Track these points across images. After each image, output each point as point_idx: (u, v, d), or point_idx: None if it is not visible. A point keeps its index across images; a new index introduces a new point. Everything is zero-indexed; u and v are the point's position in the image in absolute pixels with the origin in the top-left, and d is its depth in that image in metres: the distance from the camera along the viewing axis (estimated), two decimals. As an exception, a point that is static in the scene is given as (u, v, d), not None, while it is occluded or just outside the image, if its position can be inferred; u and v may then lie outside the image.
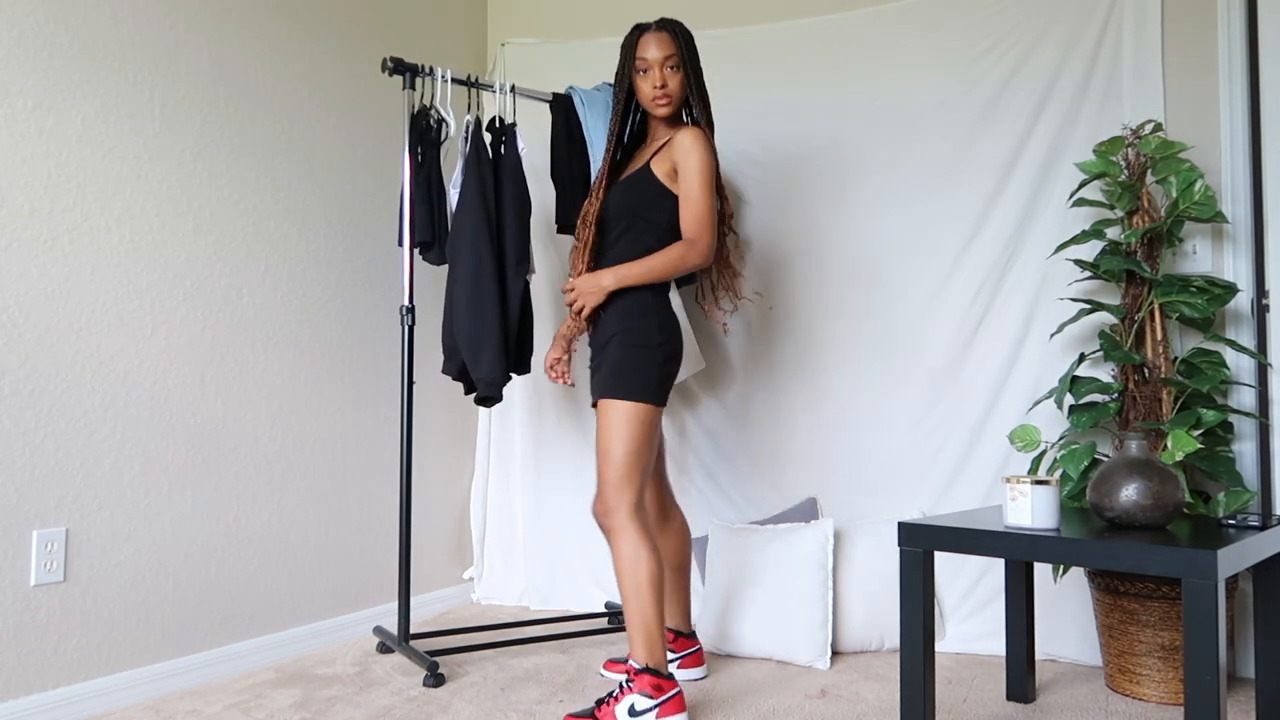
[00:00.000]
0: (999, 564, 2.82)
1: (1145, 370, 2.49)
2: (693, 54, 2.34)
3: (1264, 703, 2.07)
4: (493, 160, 2.69)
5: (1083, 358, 2.55)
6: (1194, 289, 2.43)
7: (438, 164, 2.74)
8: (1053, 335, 2.62)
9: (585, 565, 3.33)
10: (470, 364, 2.60)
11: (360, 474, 2.99)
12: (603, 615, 3.10)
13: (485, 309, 2.58)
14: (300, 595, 2.78)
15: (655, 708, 2.09)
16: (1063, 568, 2.57)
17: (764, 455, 3.17)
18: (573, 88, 2.88)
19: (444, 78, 2.73)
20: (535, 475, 3.41)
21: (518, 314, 2.66)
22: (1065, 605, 2.71)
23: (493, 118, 2.75)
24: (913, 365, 2.99)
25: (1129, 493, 1.89)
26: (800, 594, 2.68)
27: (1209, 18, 2.65)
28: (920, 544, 1.96)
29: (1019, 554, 1.84)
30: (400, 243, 2.73)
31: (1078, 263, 2.56)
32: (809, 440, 3.12)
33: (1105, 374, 2.70)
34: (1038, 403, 2.61)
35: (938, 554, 2.90)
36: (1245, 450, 2.56)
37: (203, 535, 2.51)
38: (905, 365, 3.00)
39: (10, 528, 2.11)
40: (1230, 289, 2.42)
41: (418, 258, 3.13)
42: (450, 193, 2.74)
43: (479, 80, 2.79)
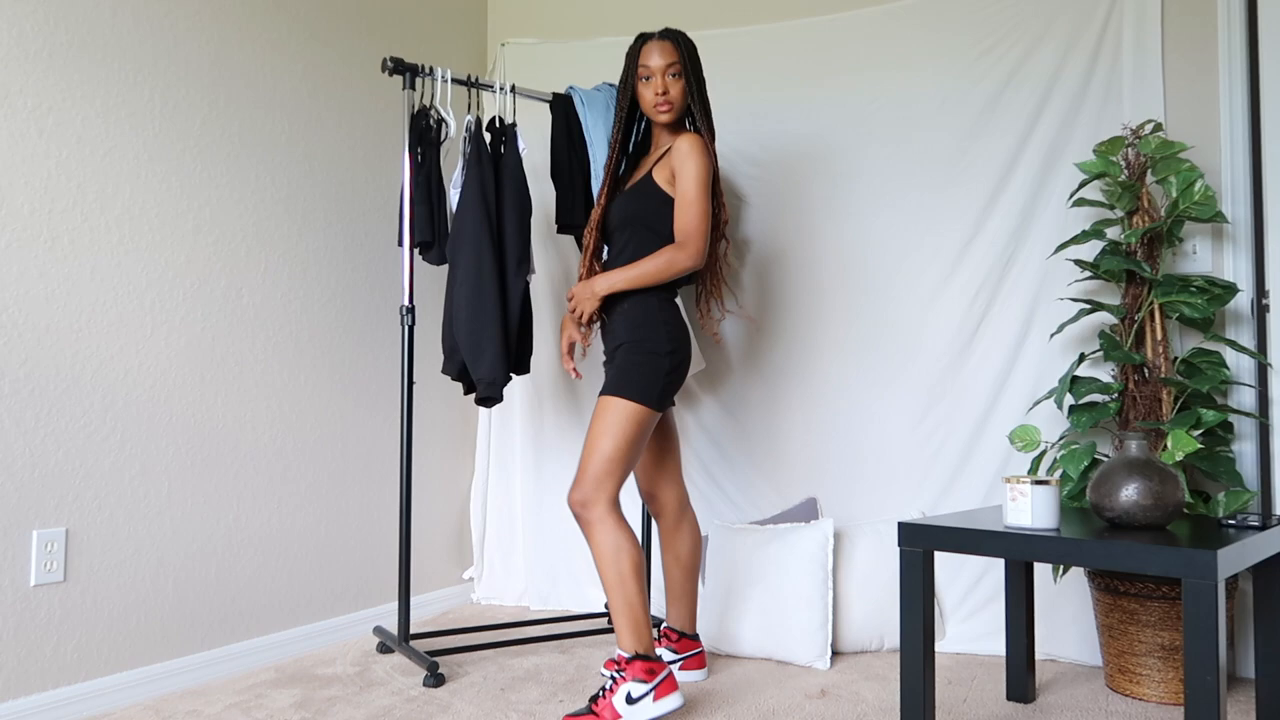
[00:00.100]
0: (999, 564, 2.82)
1: (1145, 370, 2.49)
2: (695, 63, 2.38)
3: (1264, 703, 2.07)
4: (493, 160, 2.69)
5: (1083, 358, 2.55)
6: (1194, 289, 2.43)
7: (438, 164, 2.75)
8: (1053, 335, 2.63)
9: (585, 565, 3.33)
10: (470, 364, 2.60)
11: (360, 474, 2.99)
12: (602, 615, 3.11)
13: (486, 309, 2.59)
14: (300, 595, 2.78)
15: (651, 691, 2.12)
16: (1063, 568, 2.57)
17: (764, 455, 3.18)
18: (573, 88, 2.88)
19: (444, 78, 2.73)
20: (535, 475, 3.41)
21: (518, 314, 2.66)
22: (1065, 605, 2.71)
23: (493, 118, 2.75)
24: (913, 365, 2.99)
25: (1129, 493, 1.90)
26: (800, 594, 2.68)
27: (1209, 18, 2.65)
28: (920, 544, 1.96)
29: (1019, 554, 1.84)
30: (400, 243, 2.73)
31: (1078, 263, 2.56)
32: (809, 440, 3.12)
33: (1105, 374, 2.70)
34: (1038, 403, 2.61)
35: (938, 554, 2.90)
36: (1245, 450, 2.56)
37: (203, 535, 2.51)
38: (905, 365, 3.00)
39: (10, 528, 2.11)
40: (1230, 289, 2.42)
41: (418, 258, 3.13)
42: (450, 193, 2.74)
43: (479, 80, 2.80)
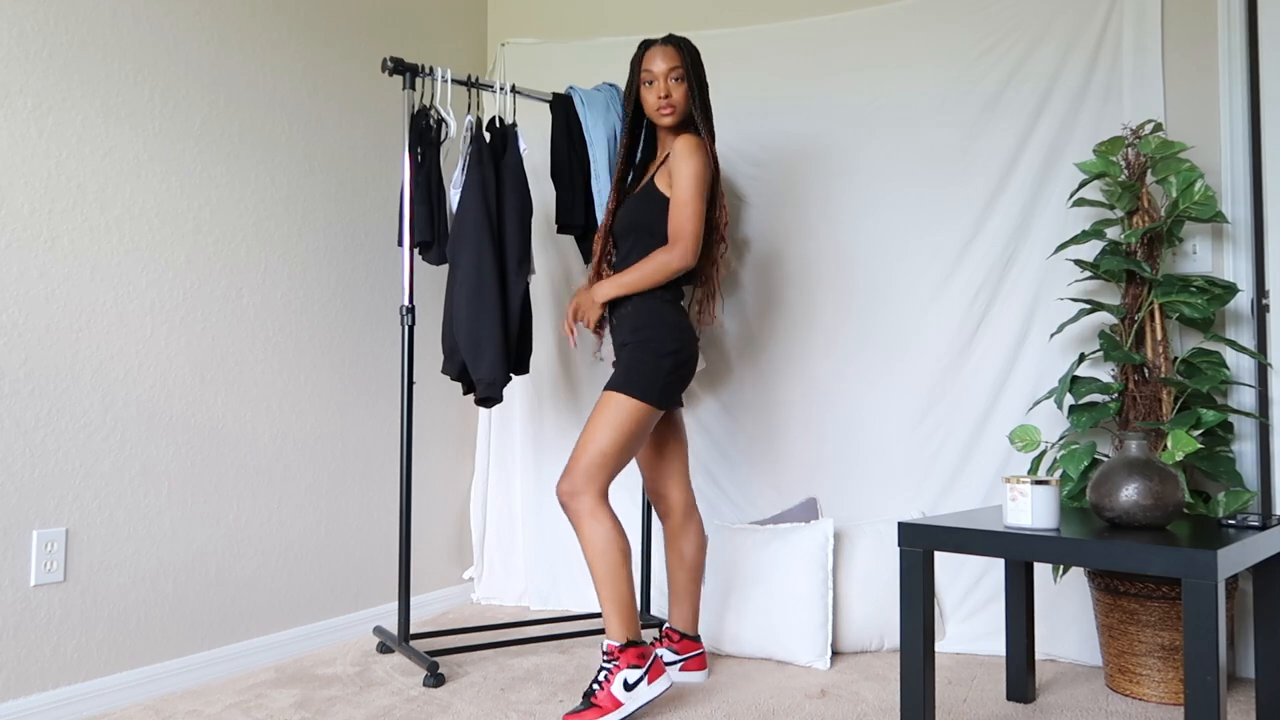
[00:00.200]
0: (999, 564, 2.82)
1: (1145, 370, 2.49)
2: (698, 67, 2.41)
3: (1264, 703, 2.07)
4: (494, 160, 2.69)
5: (1083, 358, 2.55)
6: (1194, 289, 2.43)
7: (438, 164, 2.74)
8: (1053, 335, 2.62)
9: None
10: (471, 365, 2.60)
11: (360, 474, 2.99)
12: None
13: (486, 310, 2.59)
14: (300, 595, 2.78)
15: (645, 675, 2.19)
16: (1063, 568, 2.57)
17: (764, 455, 3.18)
18: (573, 87, 2.88)
19: (444, 78, 2.73)
20: (535, 475, 3.41)
21: (518, 315, 2.66)
22: (1065, 605, 2.71)
23: (493, 118, 2.75)
24: (913, 365, 2.99)
25: (1129, 493, 1.89)
26: (800, 594, 2.68)
27: (1209, 18, 2.65)
28: (920, 544, 1.96)
29: (1019, 554, 1.84)
30: (400, 243, 2.73)
31: (1078, 263, 2.56)
32: (809, 440, 3.12)
33: (1105, 374, 2.70)
34: (1038, 403, 2.61)
35: (938, 554, 2.90)
36: (1245, 450, 2.56)
37: (203, 535, 2.51)
38: (905, 365, 3.00)
39: (10, 528, 2.11)
40: (1230, 289, 2.42)
41: (418, 258, 3.13)
42: (450, 193, 2.74)
43: (479, 80, 2.79)
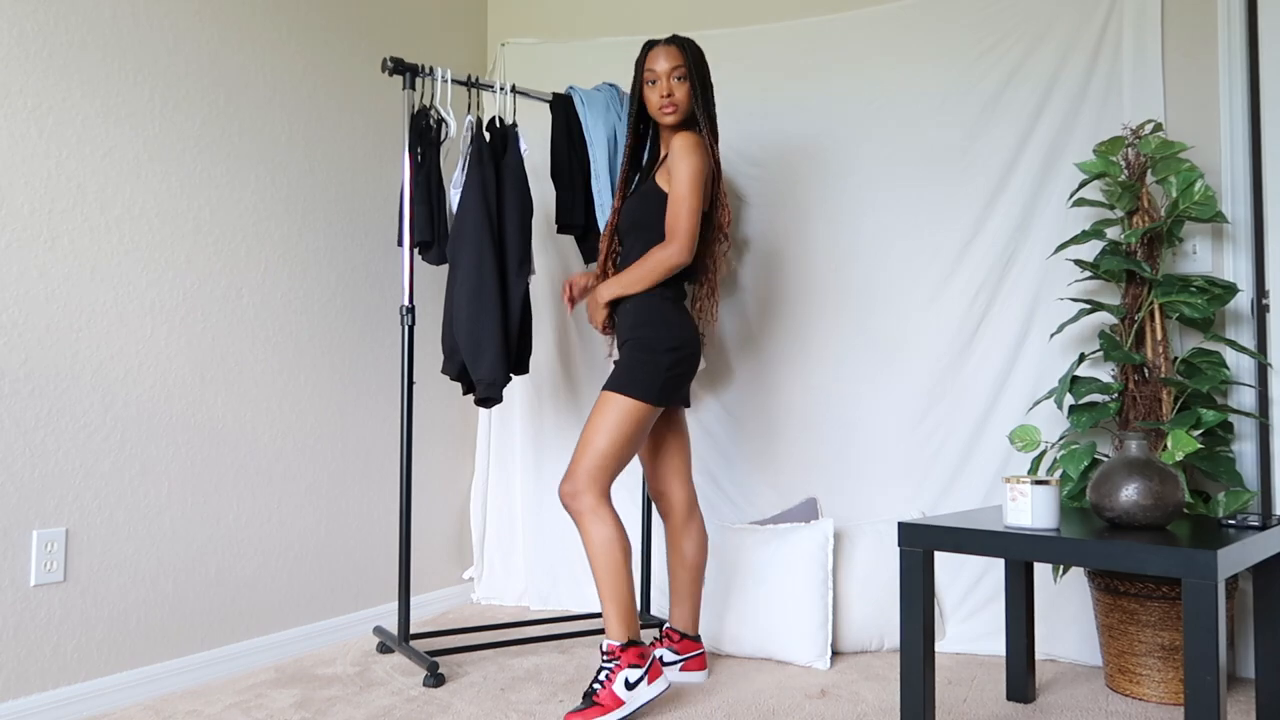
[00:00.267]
0: (999, 564, 2.82)
1: (1145, 370, 2.49)
2: (701, 68, 2.41)
3: (1264, 703, 2.07)
4: (494, 161, 2.69)
5: (1083, 358, 2.55)
6: (1194, 289, 2.43)
7: (437, 164, 2.74)
8: (1053, 335, 2.62)
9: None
10: (471, 365, 2.60)
11: (360, 474, 2.99)
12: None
13: (486, 310, 2.59)
14: (300, 595, 2.78)
15: (645, 674, 2.20)
16: (1063, 568, 2.57)
17: (764, 455, 3.17)
18: (573, 88, 2.88)
19: (444, 78, 2.73)
20: (535, 475, 3.41)
21: (519, 315, 2.66)
22: (1065, 605, 2.70)
23: (493, 118, 2.75)
24: (913, 365, 2.99)
25: (1129, 493, 1.89)
26: (800, 594, 2.68)
27: (1209, 18, 2.65)
28: (920, 544, 1.96)
29: (1019, 554, 1.84)
30: (400, 243, 2.73)
31: (1078, 263, 2.56)
32: (809, 440, 3.12)
33: (1105, 374, 2.70)
34: (1038, 403, 2.61)
35: (938, 554, 2.90)
36: (1245, 450, 2.56)
37: (203, 535, 2.51)
38: (905, 365, 3.00)
39: (10, 528, 2.11)
40: (1230, 289, 2.42)
41: (418, 258, 3.13)
42: (450, 193, 2.74)
43: (479, 80, 2.79)
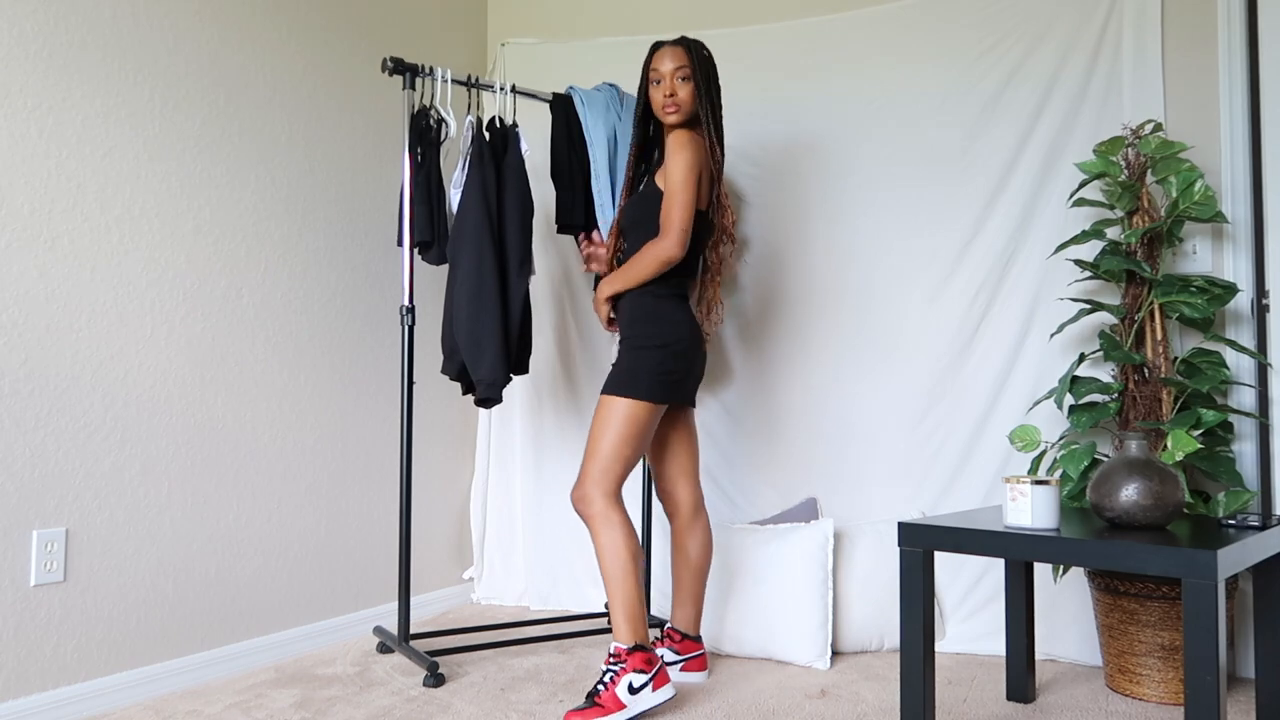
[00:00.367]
0: (999, 564, 2.82)
1: (1145, 370, 2.49)
2: (706, 70, 2.41)
3: (1264, 703, 2.07)
4: (494, 161, 2.69)
5: (1083, 358, 2.55)
6: (1194, 289, 2.43)
7: (437, 164, 2.74)
8: (1053, 335, 2.62)
9: (585, 565, 3.33)
10: (471, 365, 2.60)
11: (360, 474, 2.99)
12: (602, 615, 3.10)
13: (486, 310, 2.58)
14: (300, 595, 2.78)
15: (650, 681, 2.19)
16: (1063, 568, 2.57)
17: (764, 455, 3.18)
18: (573, 88, 2.88)
19: (444, 78, 2.73)
20: (535, 475, 3.41)
21: (519, 316, 2.66)
22: (1065, 605, 2.71)
23: (493, 118, 2.75)
24: (913, 365, 2.99)
25: (1129, 493, 1.89)
26: (800, 594, 2.68)
27: (1209, 18, 2.65)
28: (920, 544, 1.96)
29: (1019, 554, 1.84)
30: (400, 243, 2.73)
31: (1078, 263, 2.56)
32: (808, 440, 3.12)
33: (1105, 374, 2.70)
34: (1038, 403, 2.61)
35: (938, 554, 2.90)
36: (1245, 450, 2.56)
37: (203, 535, 2.51)
38: (905, 365, 3.00)
39: (10, 528, 2.11)
40: (1230, 289, 2.42)
41: (418, 258, 3.13)
42: (450, 193, 2.74)
43: (479, 80, 2.79)
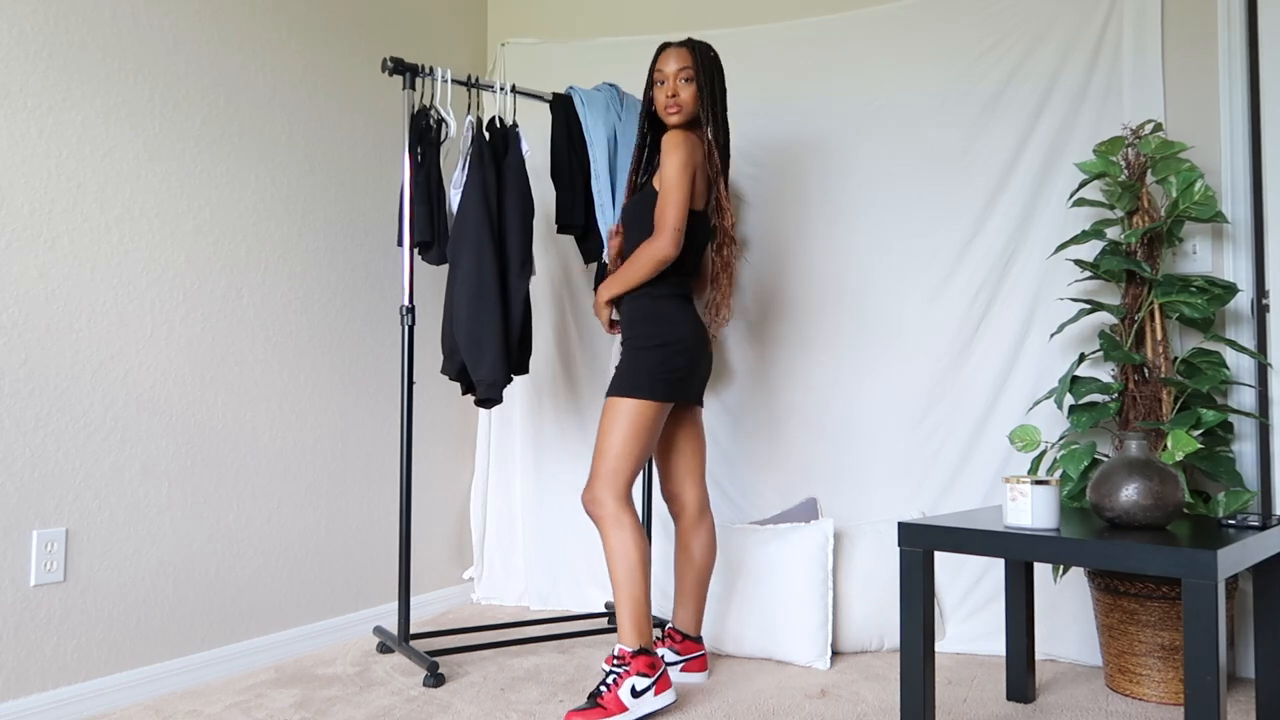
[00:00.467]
0: (999, 564, 2.82)
1: (1145, 370, 2.49)
2: (711, 72, 2.39)
3: (1264, 703, 2.07)
4: (495, 161, 2.69)
5: (1083, 358, 2.55)
6: (1194, 289, 2.43)
7: (437, 164, 2.74)
8: (1053, 335, 2.62)
9: (585, 565, 3.33)
10: (471, 366, 2.60)
11: (360, 474, 2.99)
12: (602, 615, 3.10)
13: (487, 310, 2.58)
14: (300, 595, 2.78)
15: (653, 685, 2.20)
16: (1063, 568, 2.57)
17: (764, 455, 3.17)
18: (573, 88, 2.88)
19: (444, 78, 2.73)
20: (535, 475, 3.41)
21: (520, 316, 2.66)
22: (1065, 605, 2.70)
23: (493, 118, 2.75)
24: (913, 365, 2.99)
25: (1129, 493, 1.89)
26: (800, 594, 2.68)
27: (1209, 18, 2.65)
28: (920, 544, 1.96)
29: (1019, 554, 1.84)
30: (400, 243, 2.73)
31: (1078, 263, 2.56)
32: (809, 440, 3.12)
33: (1105, 374, 2.70)
34: (1038, 403, 2.61)
35: (938, 554, 2.90)
36: (1245, 450, 2.56)
37: (203, 535, 2.51)
38: (905, 365, 3.00)
39: (10, 528, 2.11)
40: (1230, 289, 2.42)
41: (418, 258, 3.13)
42: (450, 193, 2.74)
43: (479, 80, 2.79)
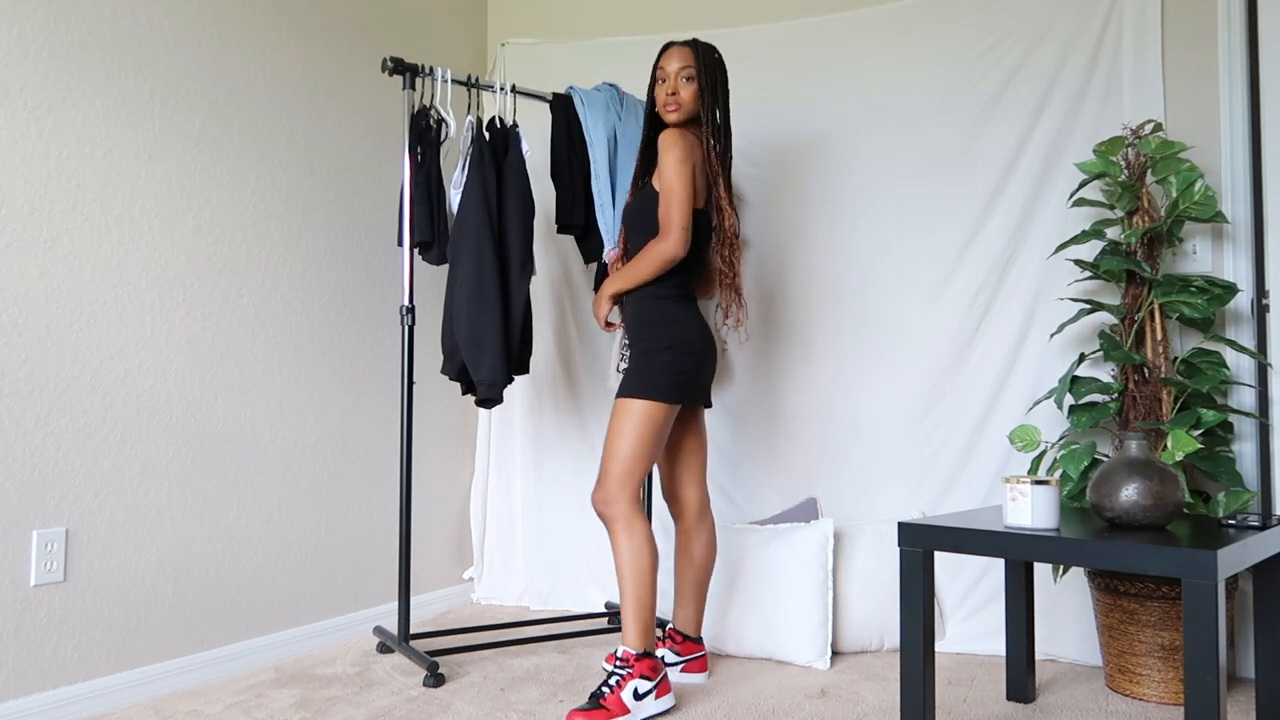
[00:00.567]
0: (999, 564, 2.82)
1: (1145, 370, 2.49)
2: (713, 73, 2.39)
3: (1264, 703, 2.07)
4: (495, 161, 2.69)
5: (1083, 358, 2.55)
6: (1194, 289, 2.43)
7: (437, 164, 2.74)
8: (1053, 335, 2.62)
9: (585, 565, 3.33)
10: (471, 366, 2.60)
11: (360, 474, 2.99)
12: (602, 615, 3.10)
13: (487, 310, 2.58)
14: (300, 595, 2.78)
15: (654, 688, 2.22)
16: (1063, 568, 2.57)
17: (764, 455, 3.17)
18: (573, 88, 2.88)
19: (444, 78, 2.73)
20: (535, 475, 3.41)
21: (520, 316, 2.66)
22: (1065, 605, 2.70)
23: (493, 118, 2.75)
24: (913, 365, 2.99)
25: (1129, 493, 1.89)
26: (800, 594, 2.68)
27: (1209, 18, 2.65)
28: (920, 544, 1.96)
29: (1019, 554, 1.84)
30: (400, 243, 2.73)
31: (1078, 263, 2.56)
32: (809, 440, 3.12)
33: (1105, 374, 2.70)
34: (1038, 403, 2.61)
35: (938, 554, 2.90)
36: (1245, 450, 2.56)
37: (203, 535, 2.51)
38: (905, 365, 3.00)
39: (10, 528, 2.11)
40: (1230, 289, 2.42)
41: (418, 258, 3.13)
42: (450, 193, 2.74)
43: (479, 80, 2.79)
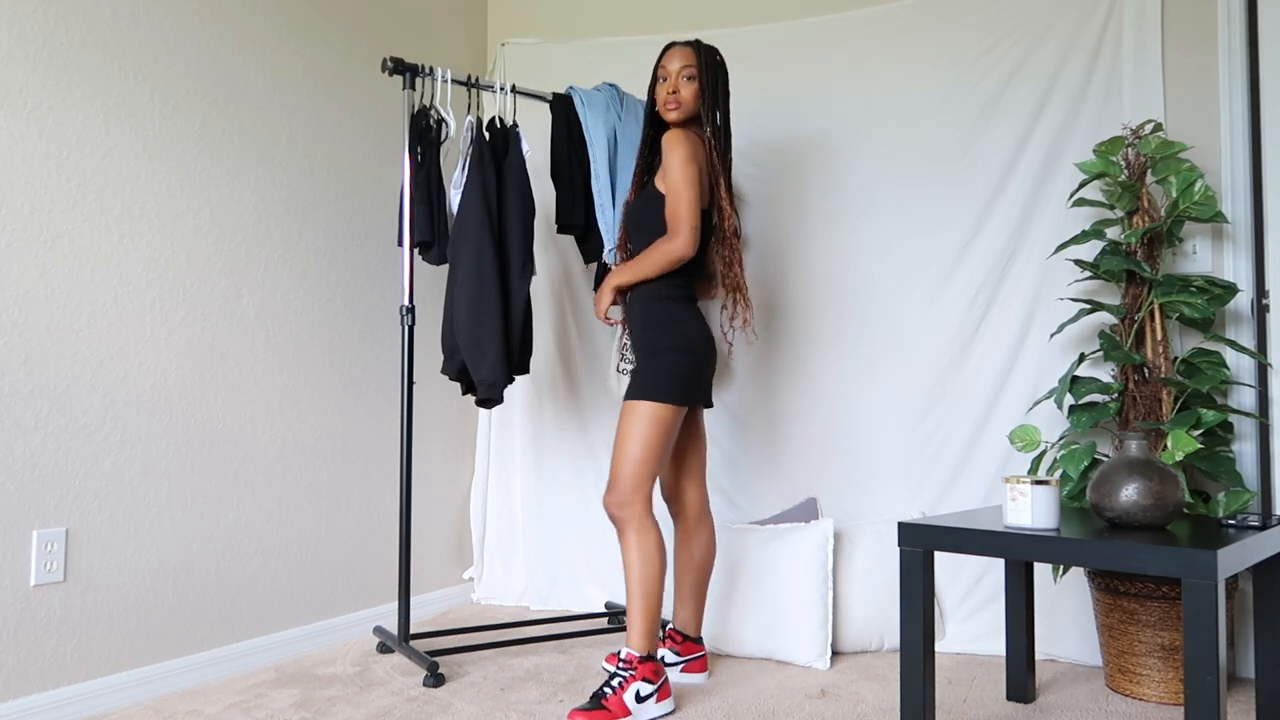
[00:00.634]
0: (999, 564, 2.82)
1: (1145, 370, 2.49)
2: (714, 74, 2.39)
3: (1264, 703, 2.07)
4: (495, 162, 2.69)
5: (1083, 358, 2.55)
6: (1194, 289, 2.43)
7: (437, 164, 2.75)
8: (1053, 335, 2.62)
9: (585, 565, 3.33)
10: (472, 366, 2.60)
11: (360, 474, 2.99)
12: (602, 615, 3.10)
13: (487, 310, 2.58)
14: (300, 595, 2.78)
15: (655, 692, 2.23)
16: (1063, 568, 2.57)
17: (764, 455, 3.17)
18: (573, 88, 2.88)
19: (444, 78, 2.73)
20: (535, 475, 3.41)
21: (520, 316, 2.66)
22: (1065, 605, 2.71)
23: (493, 118, 2.75)
24: (913, 365, 2.99)
25: (1129, 493, 1.89)
26: (800, 594, 2.68)
27: (1209, 18, 2.65)
28: (920, 544, 1.96)
29: (1019, 554, 1.84)
30: (400, 243, 2.73)
31: (1078, 263, 2.56)
32: (809, 440, 3.12)
33: (1105, 374, 2.70)
34: (1038, 403, 2.61)
35: (938, 554, 2.90)
36: (1245, 450, 2.56)
37: (203, 535, 2.51)
38: (905, 365, 3.00)
39: (10, 528, 2.11)
40: (1230, 289, 2.42)
41: (418, 258, 3.13)
42: (450, 193, 2.74)
43: (479, 80, 2.79)
